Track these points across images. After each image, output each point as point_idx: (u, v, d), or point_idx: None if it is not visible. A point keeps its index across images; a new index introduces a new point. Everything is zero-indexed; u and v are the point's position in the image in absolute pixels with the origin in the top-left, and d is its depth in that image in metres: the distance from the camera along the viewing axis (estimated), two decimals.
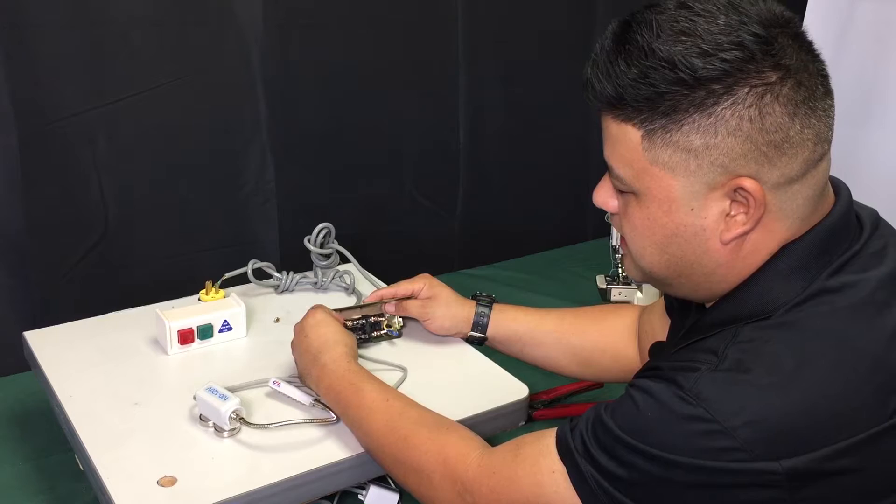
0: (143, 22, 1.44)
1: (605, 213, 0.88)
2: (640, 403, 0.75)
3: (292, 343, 1.14)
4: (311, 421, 1.04)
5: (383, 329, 1.24)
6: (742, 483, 0.71)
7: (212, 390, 1.03)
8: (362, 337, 1.22)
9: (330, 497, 1.07)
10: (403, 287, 1.25)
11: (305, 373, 1.09)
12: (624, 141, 0.79)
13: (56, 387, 1.11)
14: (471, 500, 0.87)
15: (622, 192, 0.83)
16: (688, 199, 0.78)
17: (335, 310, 1.23)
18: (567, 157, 1.98)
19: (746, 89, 0.74)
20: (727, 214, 0.77)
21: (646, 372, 0.80)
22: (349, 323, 1.22)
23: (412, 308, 1.23)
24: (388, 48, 1.69)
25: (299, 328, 1.13)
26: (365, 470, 1.03)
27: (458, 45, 1.76)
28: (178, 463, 0.98)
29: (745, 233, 0.77)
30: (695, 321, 0.85)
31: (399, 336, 1.25)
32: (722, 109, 0.74)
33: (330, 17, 1.61)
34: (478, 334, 1.22)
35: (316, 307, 1.16)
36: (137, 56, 1.45)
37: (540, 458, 0.82)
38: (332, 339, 1.09)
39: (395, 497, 1.08)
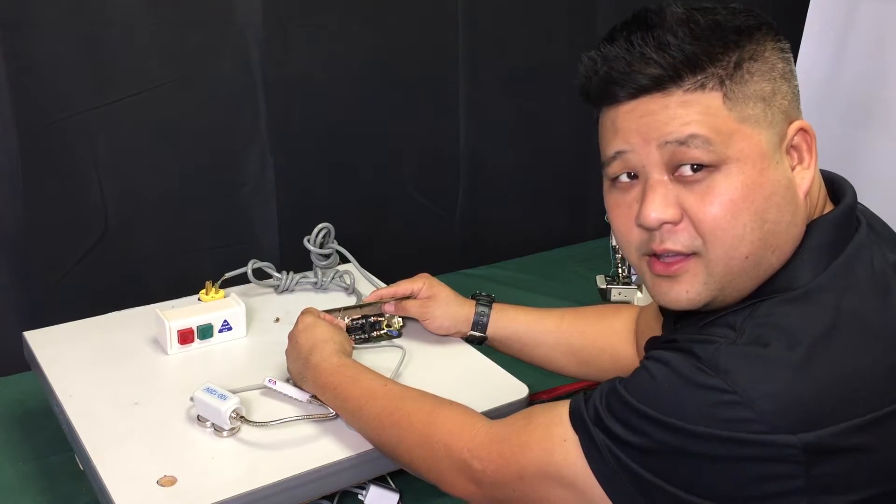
0: (143, 22, 1.44)
1: (605, 213, 0.86)
2: (655, 373, 0.75)
3: (286, 352, 1.14)
4: (310, 417, 1.04)
5: (383, 329, 1.24)
6: (758, 455, 0.70)
7: (210, 390, 1.03)
8: (362, 337, 1.22)
9: (330, 497, 1.08)
10: (403, 287, 1.25)
11: (300, 377, 1.09)
12: (703, 110, 0.75)
13: (56, 387, 1.11)
14: (479, 466, 0.86)
15: (691, 180, 0.76)
16: (773, 152, 0.78)
17: (334, 309, 1.23)
18: (567, 157, 1.98)
19: (770, 40, 0.79)
20: (792, 169, 0.79)
21: (661, 344, 0.80)
22: (349, 322, 1.22)
23: (412, 308, 1.24)
24: (388, 48, 1.69)
25: (291, 336, 1.14)
26: (365, 470, 1.04)
27: (458, 45, 1.76)
28: (178, 463, 0.98)
29: (812, 179, 0.80)
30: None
31: (399, 336, 1.25)
32: (768, 55, 0.78)
33: (330, 17, 1.61)
34: (477, 334, 1.22)
35: (304, 312, 1.16)
36: (137, 56, 1.45)
37: (552, 427, 0.81)
38: (321, 339, 1.09)
39: (395, 497, 1.08)
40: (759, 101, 0.77)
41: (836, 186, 0.85)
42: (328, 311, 1.21)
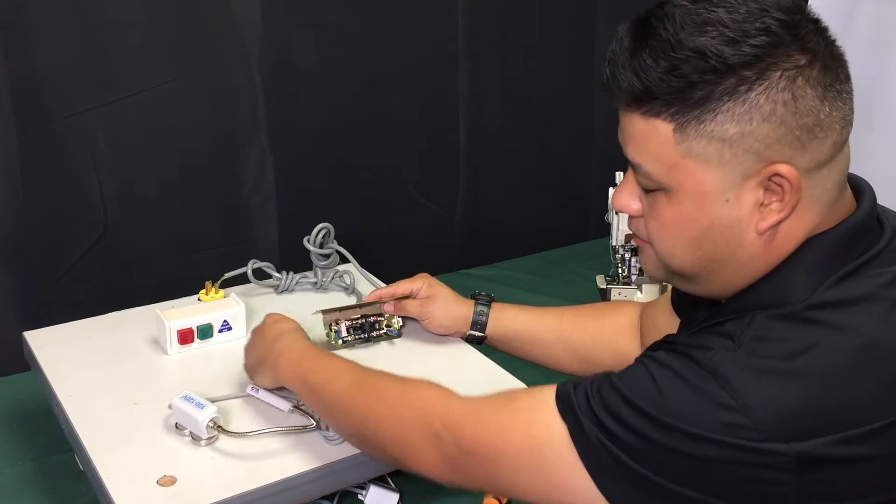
0: (143, 22, 1.44)
1: (605, 212, 0.88)
2: (653, 372, 0.75)
3: (245, 347, 1.12)
4: (289, 428, 1.03)
5: (383, 329, 1.24)
6: (749, 461, 0.71)
7: (187, 398, 1.02)
8: (362, 336, 1.22)
9: (330, 497, 1.08)
10: (402, 286, 1.25)
11: (261, 363, 1.07)
12: (654, 136, 0.78)
13: (56, 387, 1.11)
14: (450, 439, 0.84)
15: (648, 191, 0.82)
16: (723, 190, 0.77)
17: (333, 309, 1.23)
18: (567, 157, 1.98)
19: (779, 73, 0.74)
20: (761, 204, 0.77)
21: (660, 345, 0.80)
22: (348, 322, 1.22)
23: (411, 307, 1.24)
24: (388, 48, 1.69)
25: (255, 330, 1.12)
26: (365, 470, 1.04)
27: (458, 45, 1.76)
28: (178, 463, 0.98)
29: (781, 220, 0.77)
30: (712, 312, 0.85)
31: (399, 336, 1.25)
32: (756, 95, 0.74)
33: (329, 17, 1.61)
34: (477, 333, 1.22)
35: (267, 314, 1.15)
36: (137, 56, 1.45)
37: (535, 411, 0.80)
38: (288, 329, 1.09)
39: (395, 497, 1.09)
40: (715, 140, 0.76)
41: (856, 191, 0.83)
42: (326, 311, 1.22)
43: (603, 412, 0.76)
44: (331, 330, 1.21)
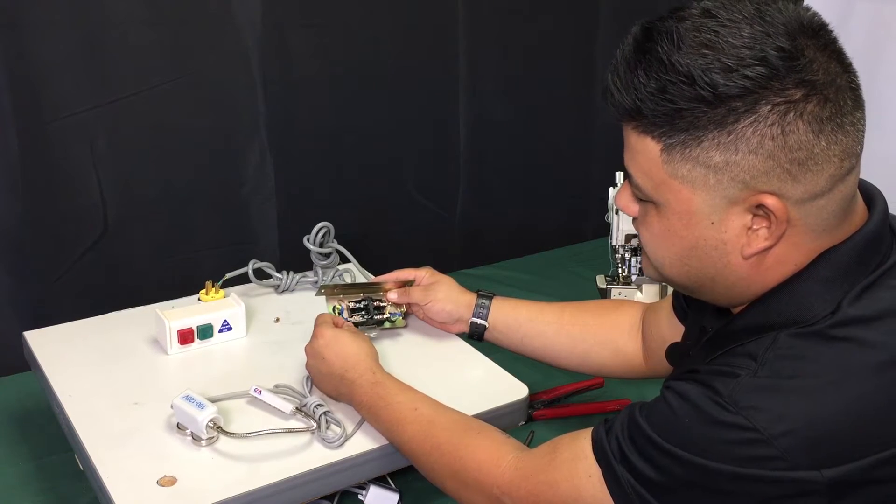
0: (143, 22, 1.44)
1: (605, 212, 0.88)
2: (675, 407, 0.75)
3: (308, 366, 1.11)
4: (289, 430, 1.03)
5: (385, 314, 1.24)
6: (782, 492, 0.70)
7: (188, 398, 1.02)
8: (366, 318, 1.22)
9: (330, 497, 1.08)
10: (406, 272, 1.26)
11: (336, 394, 1.08)
12: (643, 152, 0.78)
13: (56, 387, 1.11)
14: (510, 502, 0.87)
15: (642, 200, 0.82)
16: (708, 212, 0.77)
17: (336, 286, 1.24)
18: (567, 157, 1.98)
19: (769, 107, 0.72)
20: (749, 228, 0.76)
21: (682, 374, 0.80)
22: (351, 304, 1.22)
23: (415, 293, 1.24)
24: (389, 48, 1.69)
25: (312, 352, 1.10)
26: (365, 470, 1.04)
27: (458, 44, 1.75)
28: (178, 463, 0.98)
29: (768, 248, 0.76)
30: (723, 325, 0.84)
31: (405, 326, 1.25)
32: (742, 127, 0.73)
33: (330, 17, 1.61)
34: (479, 321, 1.21)
35: (320, 325, 1.13)
36: (137, 56, 1.45)
37: (577, 462, 0.82)
38: (353, 353, 1.08)
39: (395, 497, 1.09)
40: (700, 166, 0.75)
41: (867, 199, 0.82)
42: (328, 288, 1.22)
43: (634, 454, 0.77)
44: (334, 311, 1.22)
